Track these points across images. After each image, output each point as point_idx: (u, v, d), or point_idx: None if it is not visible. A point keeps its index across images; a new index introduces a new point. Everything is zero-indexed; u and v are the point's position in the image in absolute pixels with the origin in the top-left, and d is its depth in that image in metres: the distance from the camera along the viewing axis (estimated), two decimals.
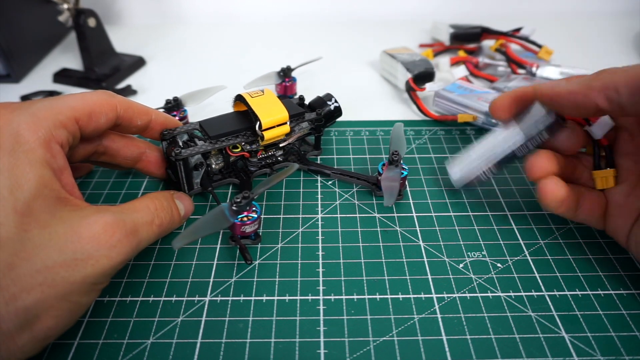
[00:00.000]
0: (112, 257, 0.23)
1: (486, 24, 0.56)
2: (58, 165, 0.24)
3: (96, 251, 0.22)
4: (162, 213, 0.27)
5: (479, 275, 0.29)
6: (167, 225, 0.27)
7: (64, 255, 0.21)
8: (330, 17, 0.70)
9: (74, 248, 0.22)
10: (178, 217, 0.29)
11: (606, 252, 0.31)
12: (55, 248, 0.21)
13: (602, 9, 0.71)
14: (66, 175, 0.25)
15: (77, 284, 0.22)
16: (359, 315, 0.27)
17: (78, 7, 0.50)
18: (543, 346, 0.25)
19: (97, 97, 0.27)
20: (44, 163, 0.23)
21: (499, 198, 0.35)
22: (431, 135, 0.43)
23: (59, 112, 0.25)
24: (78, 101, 0.26)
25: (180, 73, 0.55)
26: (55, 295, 0.21)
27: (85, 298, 0.23)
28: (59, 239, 0.21)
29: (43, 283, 0.21)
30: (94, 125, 0.27)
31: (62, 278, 0.21)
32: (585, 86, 0.25)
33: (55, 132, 0.24)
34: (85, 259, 0.22)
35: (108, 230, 0.23)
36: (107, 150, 0.31)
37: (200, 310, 0.27)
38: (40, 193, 0.22)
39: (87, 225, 0.22)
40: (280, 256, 0.31)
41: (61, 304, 0.21)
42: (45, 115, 0.24)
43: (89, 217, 0.23)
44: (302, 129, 0.36)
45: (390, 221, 0.33)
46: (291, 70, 0.47)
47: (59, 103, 0.25)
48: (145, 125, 0.31)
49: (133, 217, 0.25)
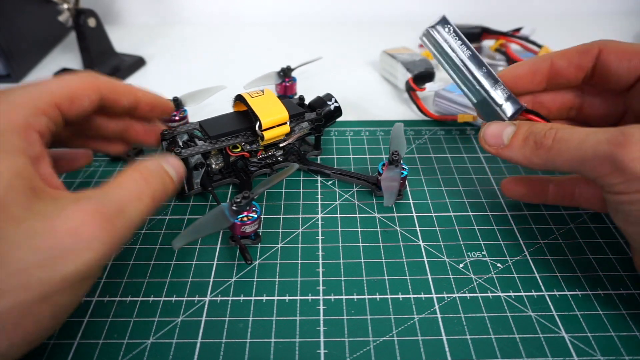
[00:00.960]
0: (94, 249, 0.21)
1: (486, 24, 0.56)
2: (35, 153, 0.22)
3: (75, 245, 0.20)
4: (152, 181, 0.24)
5: (479, 275, 0.29)
6: (161, 193, 0.25)
7: (39, 255, 0.19)
8: (330, 17, 0.70)
9: (50, 244, 0.20)
10: (171, 182, 0.26)
11: (606, 252, 0.31)
12: (29, 247, 0.19)
13: (602, 9, 0.71)
14: (44, 164, 0.23)
15: (57, 284, 0.20)
16: (359, 315, 0.27)
17: (78, 7, 0.50)
18: (543, 346, 0.25)
19: (79, 79, 0.26)
20: (19, 152, 0.21)
21: (499, 198, 0.35)
22: (431, 135, 0.43)
23: (36, 98, 0.24)
24: (58, 85, 0.25)
25: (180, 73, 0.55)
26: (33, 298, 0.19)
27: (68, 297, 0.21)
28: (33, 236, 0.20)
29: (18, 286, 0.19)
30: (76, 109, 0.26)
31: (39, 280, 0.19)
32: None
33: (32, 119, 0.23)
34: (64, 256, 0.20)
35: (87, 219, 0.21)
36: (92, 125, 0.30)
37: (200, 310, 0.27)
38: (13, 185, 0.20)
39: (63, 218, 0.20)
40: (280, 256, 0.31)
41: (41, 308, 0.20)
42: (22, 101, 0.23)
43: (65, 207, 0.21)
44: (302, 129, 0.36)
45: (390, 221, 0.33)
46: (291, 70, 0.47)
47: (37, 89, 0.24)
48: (132, 105, 0.29)
49: (116, 196, 0.22)
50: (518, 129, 0.27)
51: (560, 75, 0.30)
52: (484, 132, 0.29)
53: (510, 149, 0.27)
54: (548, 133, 0.26)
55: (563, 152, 0.25)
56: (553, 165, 0.26)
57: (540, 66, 0.30)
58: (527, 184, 0.33)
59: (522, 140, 0.27)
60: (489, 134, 0.28)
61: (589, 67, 0.29)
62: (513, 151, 0.27)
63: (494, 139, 0.28)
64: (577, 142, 0.24)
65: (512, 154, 0.27)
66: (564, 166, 0.25)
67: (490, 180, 0.37)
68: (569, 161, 0.25)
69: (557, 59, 0.30)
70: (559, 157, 0.25)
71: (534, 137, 0.26)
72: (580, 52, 0.29)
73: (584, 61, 0.29)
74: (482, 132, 0.29)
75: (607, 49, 0.28)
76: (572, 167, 0.25)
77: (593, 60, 0.29)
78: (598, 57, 0.28)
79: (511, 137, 0.27)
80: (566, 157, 0.25)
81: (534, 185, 0.33)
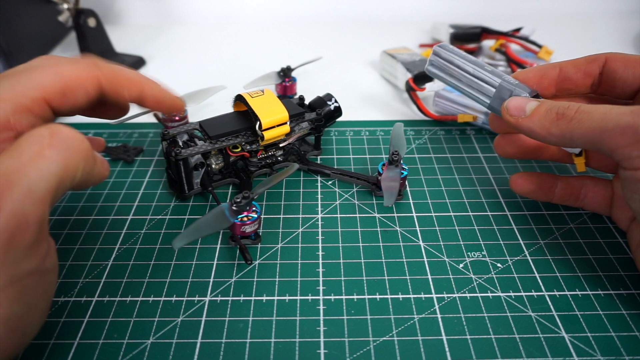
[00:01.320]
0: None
1: (486, 24, 0.56)
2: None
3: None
4: (60, 129, 0.21)
5: (479, 275, 0.29)
6: (75, 143, 0.21)
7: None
8: (330, 17, 0.70)
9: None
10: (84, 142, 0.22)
11: (606, 252, 0.31)
12: None
13: (602, 9, 0.71)
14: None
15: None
16: (359, 315, 0.27)
17: (78, 7, 0.51)
18: (543, 346, 0.25)
19: (74, 69, 0.24)
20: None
21: (499, 198, 0.35)
22: (431, 135, 0.43)
23: (22, 94, 0.22)
24: (50, 78, 0.23)
25: (180, 73, 0.55)
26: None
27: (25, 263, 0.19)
28: None
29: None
30: (70, 102, 0.24)
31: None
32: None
33: (13, 117, 0.21)
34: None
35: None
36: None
37: (200, 310, 0.27)
38: None
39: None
40: (280, 256, 0.31)
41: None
42: (5, 97, 0.21)
43: None
44: (302, 129, 0.36)
45: (390, 221, 0.33)
46: (291, 70, 0.47)
47: (26, 82, 0.22)
48: (136, 97, 0.27)
49: (0, 167, 0.19)
50: (541, 103, 0.28)
51: (568, 81, 0.30)
52: (507, 103, 0.29)
53: (531, 120, 0.28)
54: (571, 106, 0.26)
55: (584, 123, 0.25)
56: (571, 136, 0.26)
57: (548, 71, 0.30)
58: (537, 181, 0.33)
59: (544, 111, 0.27)
60: (513, 105, 0.29)
61: (596, 74, 0.30)
62: (533, 121, 0.27)
63: (517, 110, 0.28)
64: (599, 114, 0.25)
65: (532, 124, 0.27)
66: (582, 137, 0.25)
67: (490, 180, 0.37)
68: (589, 132, 0.25)
69: (565, 66, 0.30)
70: (579, 128, 0.25)
71: (557, 109, 0.27)
72: (588, 61, 0.30)
73: (592, 68, 0.30)
74: (506, 104, 0.29)
75: (613, 57, 0.29)
76: (591, 138, 0.25)
77: (600, 67, 0.30)
78: (605, 65, 0.29)
79: (533, 109, 0.28)
80: (587, 128, 0.25)
81: (543, 182, 0.32)
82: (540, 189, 0.32)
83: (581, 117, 0.25)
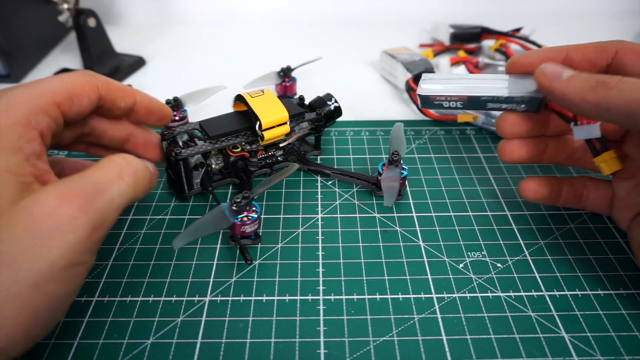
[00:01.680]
0: (75, 230, 0.20)
1: (486, 24, 0.56)
2: (33, 151, 0.23)
3: (55, 229, 0.20)
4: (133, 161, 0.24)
5: (479, 275, 0.29)
6: (143, 174, 0.25)
7: (23, 244, 0.19)
8: (330, 17, 0.70)
9: (32, 233, 0.20)
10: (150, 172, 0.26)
11: (606, 252, 0.31)
12: (12, 238, 0.19)
13: (602, 9, 0.71)
14: (41, 162, 0.23)
15: (46, 272, 0.19)
16: (359, 315, 0.27)
17: (78, 7, 0.50)
18: (543, 346, 0.25)
19: (77, 78, 0.26)
20: (14, 149, 0.22)
21: (499, 198, 0.35)
22: (431, 135, 0.43)
23: (37, 97, 0.24)
24: (58, 84, 0.25)
25: (180, 73, 0.55)
26: (26, 290, 0.19)
27: (62, 286, 0.20)
28: (16, 227, 0.20)
29: (8, 280, 0.19)
30: (76, 108, 0.26)
31: (27, 270, 0.19)
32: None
33: (33, 117, 0.23)
34: (46, 242, 0.20)
35: (64, 201, 0.20)
36: (92, 130, 0.30)
37: (200, 310, 0.27)
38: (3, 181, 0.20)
39: (39, 203, 0.20)
40: (280, 256, 0.31)
41: (35, 299, 0.19)
42: (23, 100, 0.23)
43: (40, 193, 0.21)
44: (302, 129, 0.36)
45: (390, 221, 0.33)
46: (291, 70, 0.47)
47: (38, 88, 0.24)
48: (130, 107, 0.30)
49: (94, 178, 0.22)
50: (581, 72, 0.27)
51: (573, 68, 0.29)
52: (543, 66, 0.28)
53: (567, 84, 0.26)
54: (613, 76, 0.25)
55: (625, 93, 0.24)
56: (608, 106, 0.24)
57: (555, 55, 0.29)
58: (548, 185, 0.31)
59: (582, 78, 0.26)
60: (549, 69, 0.27)
61: (603, 65, 0.29)
62: (570, 85, 0.26)
63: (553, 74, 0.27)
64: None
65: (567, 89, 0.26)
66: (620, 108, 0.24)
67: (490, 180, 0.37)
68: (629, 103, 0.23)
69: (572, 51, 0.29)
70: (618, 98, 0.24)
71: (597, 77, 0.25)
72: (598, 49, 0.29)
73: (600, 58, 0.29)
74: (542, 66, 0.28)
75: (624, 49, 0.28)
76: (630, 109, 0.23)
77: (609, 59, 0.28)
78: (614, 57, 0.28)
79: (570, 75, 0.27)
80: (627, 99, 0.23)
81: (553, 186, 0.31)
82: (550, 194, 0.31)
83: (623, 87, 0.24)
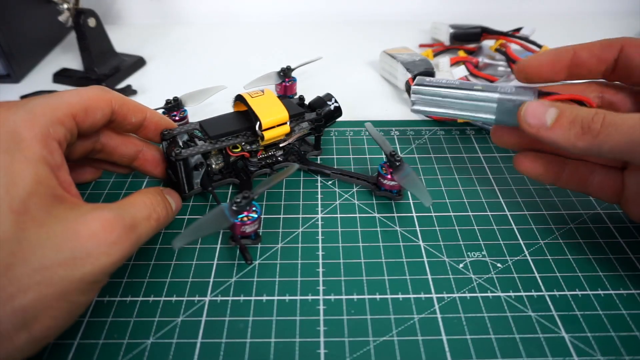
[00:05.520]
0: (111, 254, 0.22)
1: (486, 24, 0.56)
2: (55, 162, 0.24)
3: (96, 249, 0.22)
4: (158, 207, 0.27)
5: (479, 275, 0.29)
6: (164, 219, 0.27)
7: (62, 254, 0.21)
8: (330, 17, 0.70)
9: (72, 246, 0.21)
10: (171, 212, 0.29)
11: (606, 252, 0.31)
12: (52, 247, 0.21)
13: (602, 9, 0.71)
14: (63, 173, 0.24)
15: (76, 282, 0.21)
16: (359, 315, 0.27)
17: (78, 7, 0.50)
18: (543, 346, 0.25)
19: (92, 92, 0.27)
20: (40, 160, 0.23)
21: (499, 198, 0.35)
22: (431, 135, 0.43)
23: (56, 108, 0.25)
24: (74, 97, 0.26)
25: (180, 73, 0.55)
26: (53, 294, 0.21)
27: (84, 297, 0.22)
28: (56, 237, 0.21)
29: (41, 282, 0.20)
30: (90, 121, 0.27)
31: (60, 277, 0.21)
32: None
33: (52, 128, 0.24)
34: (85, 257, 0.21)
35: (107, 227, 0.22)
36: (104, 147, 0.31)
37: (200, 310, 0.27)
38: (36, 191, 0.22)
39: (85, 223, 0.22)
40: (280, 256, 0.31)
41: (59, 304, 0.21)
42: (42, 111, 0.24)
43: (86, 214, 0.22)
44: (302, 129, 0.36)
45: (390, 221, 0.33)
46: (291, 70, 0.47)
47: (55, 99, 0.25)
48: (140, 123, 0.31)
49: (131, 213, 0.24)
50: (562, 112, 0.26)
51: (581, 66, 0.29)
52: (524, 111, 0.27)
53: (554, 131, 0.26)
54: (596, 117, 0.25)
55: (612, 137, 0.24)
56: (598, 150, 0.24)
57: (563, 55, 0.29)
58: (544, 163, 0.31)
59: (567, 123, 0.26)
60: (531, 113, 0.27)
61: (611, 60, 0.29)
62: (557, 134, 0.26)
63: (536, 119, 0.27)
64: (628, 126, 0.23)
65: (556, 137, 0.26)
66: (612, 151, 0.24)
67: (490, 180, 0.37)
68: (618, 146, 0.24)
69: (579, 50, 0.29)
70: (607, 142, 0.24)
71: (581, 122, 0.25)
72: (604, 46, 0.29)
73: (607, 54, 0.29)
74: (523, 111, 0.27)
75: (630, 43, 0.28)
76: (621, 151, 0.24)
77: (616, 54, 0.28)
78: (621, 51, 0.28)
79: (555, 119, 0.26)
80: (615, 142, 0.24)
81: (551, 164, 0.31)
82: (547, 171, 0.31)
83: (608, 131, 0.24)
